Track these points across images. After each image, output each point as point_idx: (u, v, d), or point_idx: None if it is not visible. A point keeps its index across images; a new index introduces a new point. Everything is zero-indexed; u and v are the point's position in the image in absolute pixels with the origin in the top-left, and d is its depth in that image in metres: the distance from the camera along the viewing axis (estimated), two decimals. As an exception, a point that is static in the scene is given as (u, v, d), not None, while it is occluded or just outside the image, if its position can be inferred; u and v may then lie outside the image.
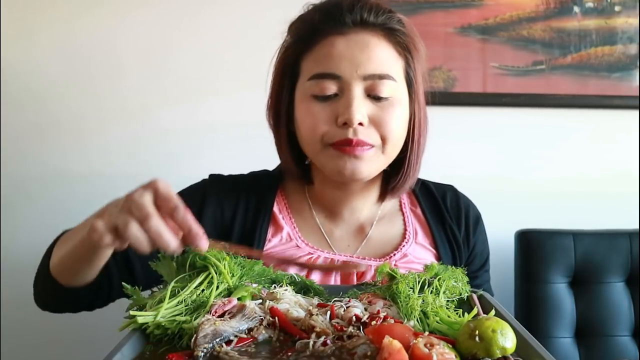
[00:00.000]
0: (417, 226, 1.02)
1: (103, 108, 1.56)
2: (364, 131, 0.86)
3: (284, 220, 0.98)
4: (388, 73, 0.87)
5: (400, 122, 0.90)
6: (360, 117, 0.85)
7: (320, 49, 0.88)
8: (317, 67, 0.88)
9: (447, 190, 1.08)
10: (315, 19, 0.89)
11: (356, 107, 0.85)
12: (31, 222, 1.55)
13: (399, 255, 0.96)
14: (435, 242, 1.00)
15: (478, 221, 1.07)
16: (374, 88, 0.87)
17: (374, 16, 0.88)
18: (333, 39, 0.87)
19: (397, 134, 0.90)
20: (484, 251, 1.08)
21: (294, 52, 0.91)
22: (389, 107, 0.88)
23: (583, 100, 1.60)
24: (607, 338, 1.45)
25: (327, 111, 0.87)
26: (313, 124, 0.88)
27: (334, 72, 0.86)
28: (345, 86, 0.86)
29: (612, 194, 1.61)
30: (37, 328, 1.56)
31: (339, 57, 0.86)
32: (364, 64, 0.86)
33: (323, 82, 0.87)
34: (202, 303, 0.68)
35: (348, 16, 0.87)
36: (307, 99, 0.89)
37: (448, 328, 0.63)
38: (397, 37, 0.89)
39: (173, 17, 1.55)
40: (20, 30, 1.53)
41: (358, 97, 0.86)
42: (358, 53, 0.86)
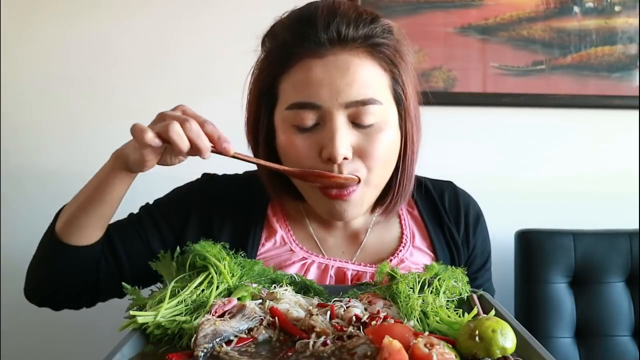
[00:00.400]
0: (415, 229, 0.99)
1: (103, 107, 1.56)
2: (349, 165, 0.81)
3: (277, 224, 0.95)
4: (372, 97, 0.79)
5: (387, 147, 0.83)
6: (344, 152, 0.78)
7: (296, 74, 0.80)
8: (295, 96, 0.80)
9: (445, 189, 1.03)
10: (288, 40, 0.81)
11: (339, 141, 0.78)
12: (31, 222, 1.54)
13: (396, 260, 0.93)
14: (433, 245, 0.96)
15: (478, 219, 1.02)
16: (357, 115, 0.79)
17: (353, 30, 0.79)
18: (310, 62, 0.79)
19: (385, 160, 0.84)
20: (485, 250, 1.04)
21: (269, 74, 0.84)
22: (375, 134, 0.81)
23: (583, 100, 1.60)
24: (607, 338, 1.45)
25: (309, 143, 0.81)
26: (296, 159, 0.82)
27: (313, 102, 0.78)
28: (326, 116, 0.79)
29: (612, 194, 1.61)
30: (37, 328, 1.56)
31: (318, 84, 0.78)
32: (345, 91, 0.78)
33: (302, 113, 0.79)
34: (202, 303, 0.68)
35: (323, 36, 0.78)
36: (288, 129, 0.82)
37: (448, 328, 0.63)
38: (381, 52, 0.81)
39: (173, 17, 1.55)
40: (20, 30, 1.54)
41: (341, 127, 0.79)
42: (338, 79, 0.78)
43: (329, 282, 0.91)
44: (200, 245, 0.76)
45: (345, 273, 0.92)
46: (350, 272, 0.92)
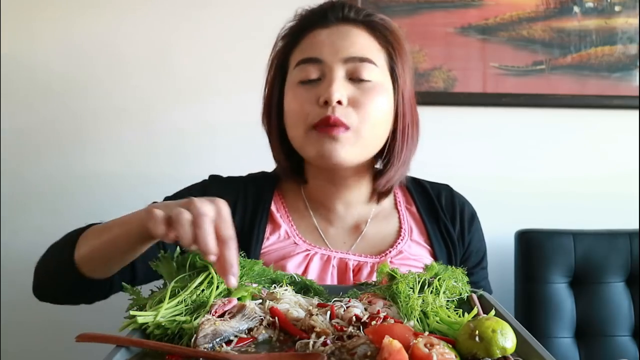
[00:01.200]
0: (412, 224, 1.04)
1: (104, 108, 1.56)
2: (342, 110, 0.89)
3: (281, 219, 1.00)
4: (369, 57, 0.91)
5: (379, 107, 0.92)
6: (339, 96, 0.88)
7: (305, 41, 0.94)
8: (301, 55, 0.93)
9: (442, 190, 1.09)
10: (300, 21, 0.96)
11: (336, 87, 0.88)
12: (31, 221, 1.55)
13: (395, 252, 0.98)
14: (430, 239, 1.02)
15: (473, 219, 1.08)
16: (355, 71, 0.90)
17: (354, 13, 0.94)
18: (316, 31, 0.93)
19: (375, 117, 0.92)
20: (480, 249, 1.08)
21: (284, 50, 0.97)
22: (370, 90, 0.91)
23: (583, 100, 1.60)
24: (607, 338, 1.45)
25: (310, 94, 0.91)
26: (298, 107, 0.92)
27: (316, 57, 0.91)
28: (327, 69, 0.91)
29: (612, 194, 1.61)
30: (37, 328, 1.56)
31: (321, 44, 0.92)
32: (345, 48, 0.91)
33: (307, 67, 0.92)
34: (202, 303, 0.68)
35: (330, 13, 0.93)
36: (294, 86, 0.94)
37: (448, 328, 0.63)
38: (378, 31, 0.94)
39: (175, 17, 1.55)
40: (20, 30, 1.54)
41: (339, 78, 0.90)
42: (339, 40, 0.91)
43: (331, 272, 0.94)
44: (200, 245, 0.75)
45: (347, 263, 0.96)
46: (352, 262, 0.96)
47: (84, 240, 0.85)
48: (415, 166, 1.19)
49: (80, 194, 1.55)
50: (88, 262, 0.84)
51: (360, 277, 0.94)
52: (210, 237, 0.66)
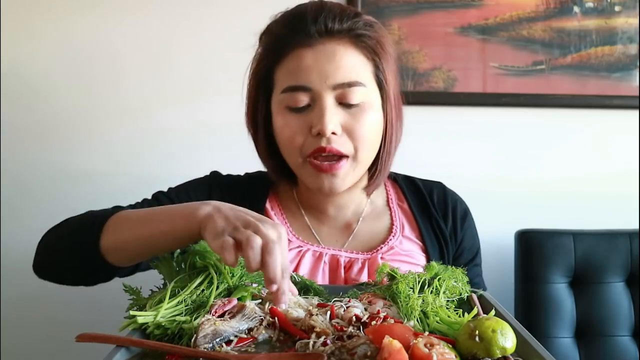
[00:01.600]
0: (404, 220, 1.05)
1: (104, 108, 1.56)
2: (337, 140, 0.89)
3: (275, 217, 1.02)
4: (357, 80, 0.89)
5: (372, 126, 0.92)
6: (332, 127, 0.87)
7: (289, 62, 0.90)
8: (288, 80, 0.90)
9: (434, 187, 1.10)
10: (282, 33, 0.91)
11: (328, 117, 0.87)
12: (31, 221, 1.54)
13: (386, 248, 0.99)
14: (421, 235, 1.02)
15: (466, 216, 1.08)
16: (344, 96, 0.88)
17: (338, 23, 0.88)
18: (301, 51, 0.89)
19: (370, 139, 0.92)
20: (474, 245, 1.09)
21: (266, 64, 0.94)
22: (361, 113, 0.90)
23: (583, 100, 1.59)
24: (607, 338, 1.45)
25: (301, 122, 0.90)
26: (290, 136, 0.91)
27: (304, 85, 0.88)
28: (316, 97, 0.88)
29: (612, 194, 1.61)
30: (37, 327, 1.56)
31: (308, 69, 0.88)
32: (332, 74, 0.88)
33: (295, 95, 0.89)
34: (202, 303, 0.68)
35: (312, 28, 0.88)
36: (283, 111, 0.91)
37: (448, 328, 0.63)
38: (364, 42, 0.90)
39: (174, 17, 1.55)
40: (20, 30, 1.53)
41: (329, 106, 0.88)
42: (326, 64, 0.88)
43: (322, 268, 0.96)
44: (200, 245, 0.76)
45: (339, 260, 0.97)
46: (344, 259, 0.97)
47: (114, 228, 0.81)
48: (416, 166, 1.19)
49: (81, 194, 1.55)
50: (116, 251, 0.80)
51: (351, 273, 0.95)
52: (279, 266, 0.65)
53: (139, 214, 0.82)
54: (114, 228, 0.81)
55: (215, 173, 1.08)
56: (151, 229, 0.77)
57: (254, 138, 1.00)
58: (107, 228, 0.81)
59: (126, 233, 0.80)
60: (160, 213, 0.80)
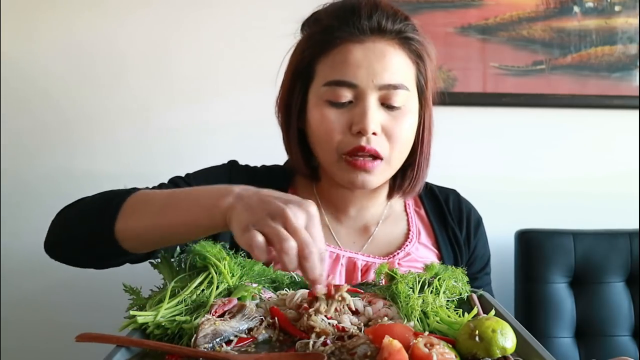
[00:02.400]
0: (421, 227, 1.04)
1: (104, 107, 1.56)
2: (376, 140, 0.88)
3: None
4: (402, 83, 0.89)
5: (409, 131, 0.92)
6: (374, 127, 0.87)
7: (336, 55, 0.88)
8: (333, 74, 0.88)
9: (449, 194, 1.10)
10: (332, 24, 0.89)
11: (371, 117, 0.86)
12: (31, 222, 1.54)
13: (402, 254, 0.98)
14: (437, 243, 1.02)
15: (479, 225, 1.09)
16: (388, 98, 0.88)
17: (391, 23, 0.88)
18: (350, 46, 0.87)
19: (406, 143, 0.93)
20: (485, 254, 1.09)
21: (309, 54, 0.91)
22: (401, 117, 0.90)
23: (583, 100, 1.59)
24: (607, 338, 1.45)
25: (341, 119, 0.88)
26: (328, 131, 0.89)
27: (350, 81, 0.87)
28: (360, 95, 0.87)
29: (612, 194, 1.61)
30: (36, 328, 1.56)
31: (356, 65, 0.87)
32: (380, 74, 0.87)
33: (339, 89, 0.88)
34: (202, 303, 0.68)
35: (366, 24, 0.87)
36: (322, 104, 0.90)
37: (448, 328, 0.63)
38: (412, 46, 0.91)
39: (175, 17, 1.55)
40: (21, 30, 1.53)
41: (373, 106, 0.87)
42: (375, 62, 0.87)
43: (340, 270, 0.94)
44: (200, 245, 0.75)
45: (356, 263, 0.96)
46: (360, 262, 0.96)
47: (130, 213, 0.76)
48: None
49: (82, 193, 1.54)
50: (132, 238, 0.77)
51: (367, 277, 0.94)
52: (318, 268, 0.61)
53: (159, 199, 0.77)
54: (131, 214, 0.77)
55: (234, 162, 1.06)
56: (170, 217, 0.74)
57: (284, 128, 0.98)
58: (123, 212, 0.77)
59: (144, 220, 0.76)
60: (180, 200, 0.75)
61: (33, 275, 1.54)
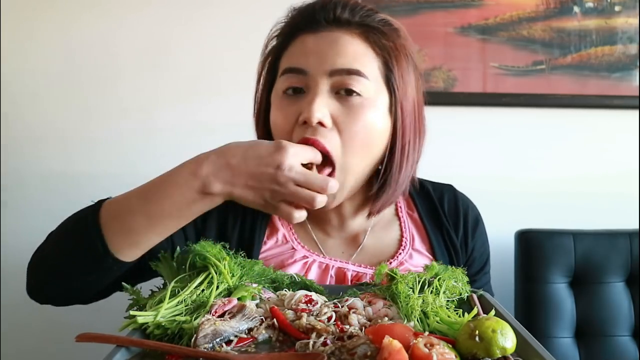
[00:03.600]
0: (414, 231, 0.99)
1: (102, 108, 1.56)
2: (325, 133, 0.81)
3: (280, 222, 0.96)
4: (357, 68, 0.82)
5: (368, 128, 0.83)
6: (320, 116, 0.79)
7: (293, 47, 0.87)
8: (287, 63, 0.86)
9: (445, 192, 1.03)
10: (291, 20, 0.89)
11: (317, 105, 0.80)
12: (31, 222, 1.55)
13: (396, 263, 0.93)
14: (432, 248, 0.96)
15: (477, 223, 1.03)
16: (341, 83, 0.82)
17: (349, 14, 0.85)
18: (305, 37, 0.85)
19: (363, 141, 0.83)
20: (484, 253, 1.04)
21: (273, 54, 0.91)
22: (357, 108, 0.82)
23: (583, 100, 1.60)
24: (607, 338, 1.45)
25: (292, 109, 0.83)
26: (280, 124, 0.85)
27: (300, 67, 0.83)
28: (311, 82, 0.83)
29: (612, 194, 1.61)
30: (37, 328, 1.56)
31: (308, 52, 0.84)
32: (331, 58, 0.82)
33: (291, 77, 0.84)
34: (202, 303, 0.68)
35: (320, 14, 0.85)
36: (279, 96, 0.87)
37: (448, 328, 0.63)
38: (375, 36, 0.85)
39: (172, 17, 1.55)
40: (20, 30, 1.54)
41: (322, 93, 0.81)
42: (326, 48, 0.83)
43: (329, 282, 0.91)
44: (200, 245, 0.75)
45: (346, 273, 0.92)
46: (350, 272, 0.92)
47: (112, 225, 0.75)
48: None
49: (81, 194, 1.54)
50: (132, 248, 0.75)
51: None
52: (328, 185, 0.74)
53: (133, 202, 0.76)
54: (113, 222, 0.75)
55: None
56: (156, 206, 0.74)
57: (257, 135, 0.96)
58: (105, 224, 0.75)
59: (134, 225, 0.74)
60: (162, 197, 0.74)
61: (33, 275, 1.54)
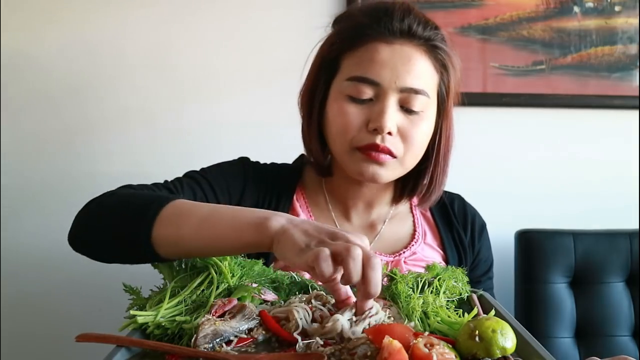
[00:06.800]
0: (426, 228, 1.06)
1: (107, 108, 1.55)
2: (391, 140, 0.89)
3: (301, 209, 1.01)
4: (424, 89, 0.90)
5: (424, 136, 0.93)
6: (390, 126, 0.88)
7: (363, 52, 0.90)
8: (358, 70, 0.90)
9: (455, 198, 1.12)
10: (363, 22, 0.91)
11: (389, 116, 0.88)
12: (31, 222, 1.55)
13: (409, 252, 1.00)
14: (443, 244, 1.04)
15: (483, 229, 1.10)
16: (408, 101, 0.89)
17: (422, 29, 0.90)
18: (378, 45, 0.89)
19: (419, 147, 0.94)
20: (489, 258, 1.11)
21: (337, 48, 0.93)
22: (418, 122, 0.91)
23: (583, 100, 1.59)
24: (607, 338, 1.45)
25: (359, 115, 0.90)
26: (344, 125, 0.91)
27: (373, 79, 0.88)
28: (381, 94, 0.89)
29: (612, 194, 1.61)
30: (37, 327, 1.56)
31: (381, 64, 0.88)
32: (403, 76, 0.88)
33: (361, 86, 0.89)
34: (202, 303, 0.68)
35: (397, 25, 0.89)
36: (342, 98, 0.91)
37: (448, 328, 0.63)
38: (438, 54, 0.92)
39: (178, 17, 1.55)
40: (20, 30, 1.53)
41: (392, 106, 0.88)
42: (400, 64, 0.88)
43: None
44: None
45: None
46: None
47: (170, 221, 0.73)
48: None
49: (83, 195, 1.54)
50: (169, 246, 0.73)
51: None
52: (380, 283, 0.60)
53: (201, 211, 0.74)
54: (172, 221, 0.73)
55: (246, 158, 1.06)
56: (215, 232, 0.71)
57: (306, 118, 0.99)
58: (162, 219, 0.73)
59: (185, 230, 0.72)
60: (224, 214, 0.72)
61: (33, 275, 1.54)
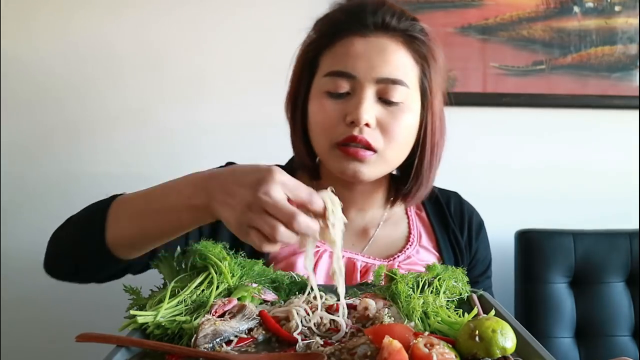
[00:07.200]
0: (422, 229, 1.05)
1: (103, 108, 1.56)
2: (370, 133, 0.88)
3: None
4: (402, 79, 0.88)
5: (406, 129, 0.91)
6: (367, 118, 0.86)
7: (339, 48, 0.90)
8: (334, 65, 0.90)
9: (451, 197, 1.10)
10: (338, 18, 0.92)
11: (365, 108, 0.86)
12: (31, 222, 1.55)
13: (403, 257, 0.98)
14: (438, 245, 1.02)
15: (481, 228, 1.09)
16: (386, 92, 0.88)
17: (396, 21, 0.89)
18: (354, 39, 0.89)
19: (402, 140, 0.91)
20: (487, 257, 1.09)
21: (315, 47, 0.93)
22: (398, 113, 0.89)
23: (583, 100, 1.59)
24: (607, 338, 1.45)
25: (337, 109, 0.89)
26: (323, 121, 0.90)
27: (349, 72, 0.88)
28: (358, 86, 0.88)
29: (612, 194, 1.61)
30: (37, 327, 1.56)
31: (356, 57, 0.88)
32: (379, 67, 0.87)
33: (337, 80, 0.89)
34: (202, 303, 0.68)
35: (370, 18, 0.89)
36: (321, 95, 0.91)
37: (448, 328, 0.63)
38: (416, 45, 0.91)
39: (174, 17, 1.55)
40: (19, 29, 1.53)
41: (369, 98, 0.87)
42: (375, 56, 0.88)
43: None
44: (201, 245, 0.76)
45: (355, 264, 0.95)
46: (360, 263, 0.96)
47: (115, 220, 0.77)
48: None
49: (81, 194, 1.54)
50: (123, 245, 0.77)
51: (367, 278, 0.93)
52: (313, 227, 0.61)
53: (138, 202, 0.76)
54: (116, 219, 0.77)
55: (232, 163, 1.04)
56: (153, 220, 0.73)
57: (291, 122, 0.99)
58: (109, 221, 0.77)
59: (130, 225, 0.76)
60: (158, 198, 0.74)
61: (33, 275, 1.53)
